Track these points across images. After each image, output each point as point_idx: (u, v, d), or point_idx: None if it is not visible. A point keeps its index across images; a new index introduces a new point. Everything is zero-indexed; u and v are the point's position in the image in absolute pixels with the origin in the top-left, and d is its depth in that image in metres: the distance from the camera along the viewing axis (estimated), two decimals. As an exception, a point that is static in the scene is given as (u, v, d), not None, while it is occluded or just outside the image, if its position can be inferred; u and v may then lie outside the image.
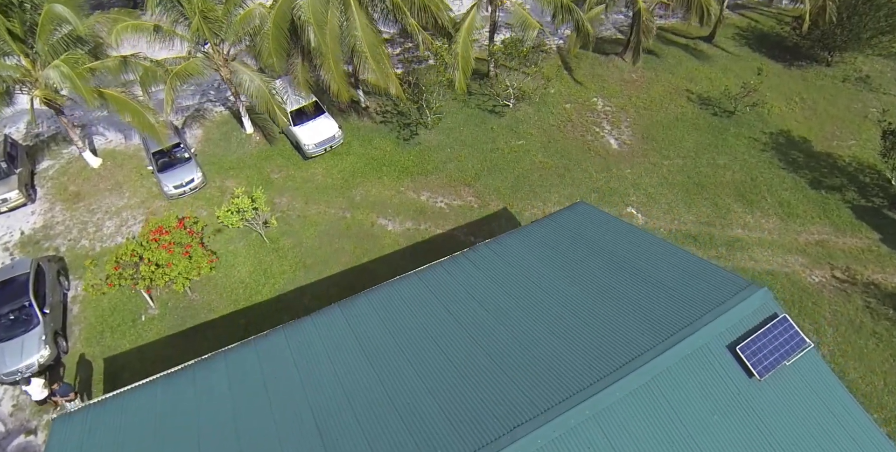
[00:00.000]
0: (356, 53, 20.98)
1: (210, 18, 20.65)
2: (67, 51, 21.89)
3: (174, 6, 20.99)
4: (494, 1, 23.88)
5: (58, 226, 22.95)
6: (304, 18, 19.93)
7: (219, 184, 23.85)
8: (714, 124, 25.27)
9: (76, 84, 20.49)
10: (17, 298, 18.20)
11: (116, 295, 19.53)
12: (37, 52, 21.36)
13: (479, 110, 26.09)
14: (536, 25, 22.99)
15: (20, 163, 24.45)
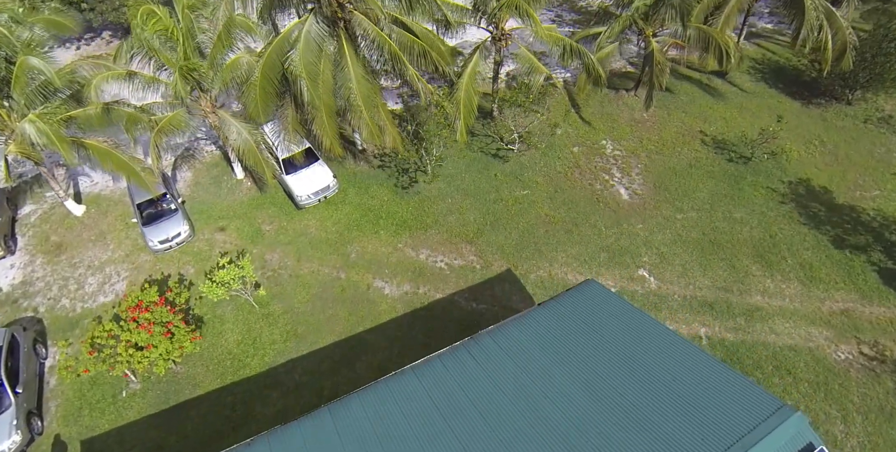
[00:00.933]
0: (351, 106, 19.45)
1: (191, 76, 19.10)
2: (46, 101, 20.44)
3: (153, 57, 19.45)
4: (498, 43, 22.26)
5: (38, 282, 21.58)
6: (295, 72, 18.40)
7: (207, 236, 22.42)
8: (730, 171, 23.73)
9: (52, 140, 19.04)
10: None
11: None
12: (11, 106, 19.88)
13: (481, 154, 24.57)
14: (544, 71, 21.43)
15: (0, 210, 23.05)
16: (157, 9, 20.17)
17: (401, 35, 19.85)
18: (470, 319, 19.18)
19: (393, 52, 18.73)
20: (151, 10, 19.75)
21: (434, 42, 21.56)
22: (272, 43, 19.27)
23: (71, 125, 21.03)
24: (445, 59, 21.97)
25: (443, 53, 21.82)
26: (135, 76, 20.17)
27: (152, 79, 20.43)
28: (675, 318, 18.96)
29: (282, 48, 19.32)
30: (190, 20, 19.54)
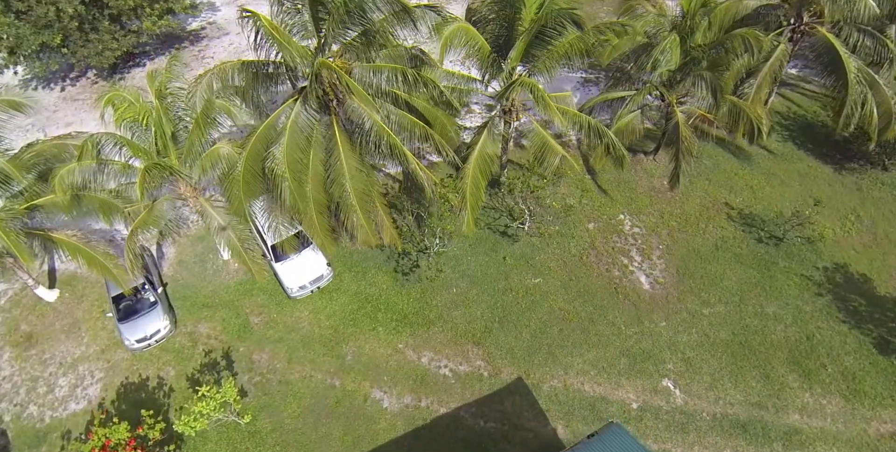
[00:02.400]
0: (343, 205, 17.07)
1: (157, 173, 16.71)
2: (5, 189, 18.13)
3: (123, 145, 17.06)
4: (508, 116, 19.79)
5: (4, 382, 19.41)
6: (277, 172, 16.02)
7: (190, 329, 20.16)
8: (760, 255, 21.37)
9: (8, 245, 16.74)
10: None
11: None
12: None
13: (489, 232, 22.19)
14: (559, 151, 19.00)
15: (-34, 300, 20.79)
16: (126, 93, 17.75)
17: (400, 117, 17.43)
18: (477, 440, 17.02)
19: (392, 144, 16.30)
20: (119, 96, 17.34)
21: (438, 117, 19.16)
22: (256, 132, 16.87)
23: (35, 215, 18.73)
24: (450, 134, 19.55)
25: (448, 129, 19.40)
26: (106, 165, 17.75)
27: (125, 166, 18.03)
28: (705, 443, 16.77)
29: (267, 137, 16.94)
30: (162, 108, 17.08)
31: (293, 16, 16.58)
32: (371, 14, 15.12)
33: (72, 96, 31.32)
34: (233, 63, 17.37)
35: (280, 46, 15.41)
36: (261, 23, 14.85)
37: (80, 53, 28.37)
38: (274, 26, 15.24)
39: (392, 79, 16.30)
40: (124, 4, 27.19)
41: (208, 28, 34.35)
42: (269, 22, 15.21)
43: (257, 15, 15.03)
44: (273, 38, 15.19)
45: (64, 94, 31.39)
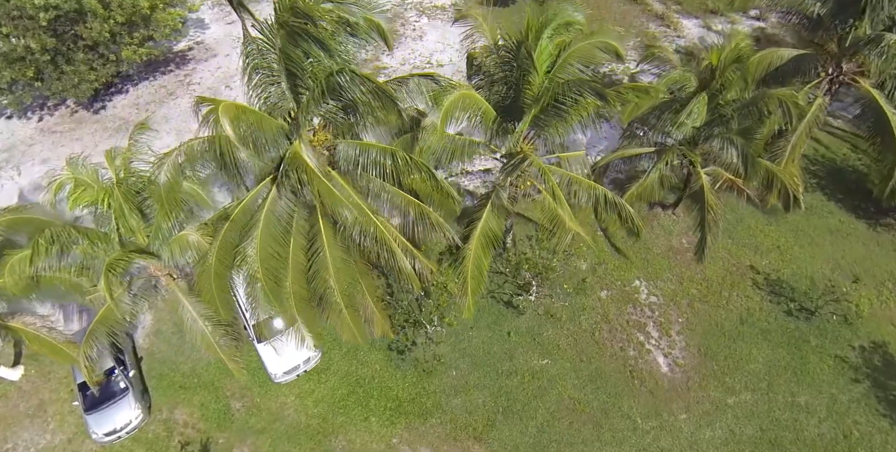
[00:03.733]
0: (327, 302, 14.77)
1: (122, 265, 14.40)
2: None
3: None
4: (514, 188, 17.34)
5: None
6: (250, 272, 13.71)
7: (165, 414, 18.11)
8: (789, 331, 19.09)
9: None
10: None
11: None
12: None
13: (492, 301, 19.92)
14: (574, 228, 16.53)
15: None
16: (85, 175, 15.35)
17: (393, 194, 15.00)
18: None
19: (381, 239, 13.93)
20: (72, 179, 14.94)
21: (432, 192, 16.62)
22: (230, 217, 14.49)
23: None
24: (451, 206, 17.09)
25: (448, 201, 16.94)
26: (65, 254, 15.37)
27: (90, 247, 15.68)
28: None
29: (241, 224, 14.57)
30: (122, 194, 14.64)
31: (267, 88, 14.07)
32: (351, 94, 12.66)
33: (49, 128, 28.81)
34: (200, 139, 14.80)
35: (249, 135, 12.94)
36: (222, 118, 12.18)
37: (55, 87, 25.84)
38: (240, 113, 12.66)
39: (380, 161, 13.86)
40: (98, 35, 24.53)
41: (196, 49, 31.63)
42: (233, 112, 12.56)
43: (216, 104, 12.43)
44: (241, 127, 12.67)
45: (41, 125, 28.87)
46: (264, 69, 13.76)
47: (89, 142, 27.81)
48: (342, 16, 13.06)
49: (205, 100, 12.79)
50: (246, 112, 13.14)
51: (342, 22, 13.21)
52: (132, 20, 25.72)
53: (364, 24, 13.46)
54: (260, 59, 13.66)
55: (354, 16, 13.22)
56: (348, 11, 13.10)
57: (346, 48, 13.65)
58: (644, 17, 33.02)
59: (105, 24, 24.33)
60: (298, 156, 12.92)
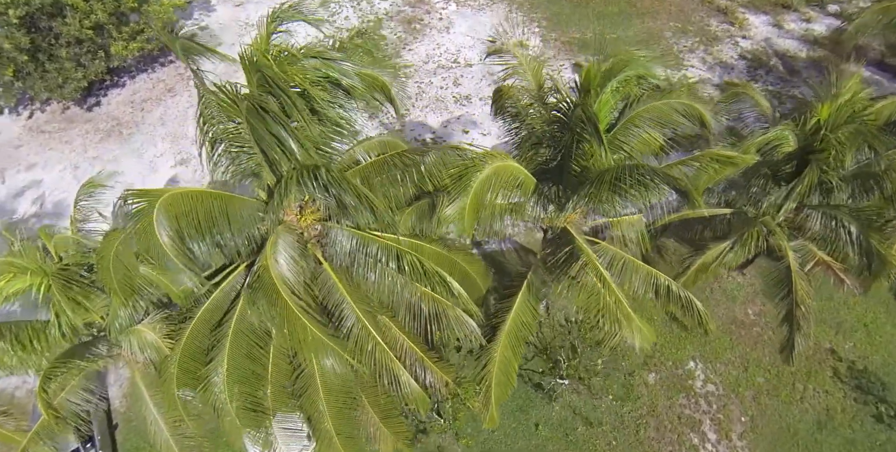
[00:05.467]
0: (317, 427, 11.41)
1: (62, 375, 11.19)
2: None
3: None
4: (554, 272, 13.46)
5: None
6: (217, 404, 10.38)
7: (137, 499, 15.35)
8: (879, 442, 15.30)
9: None
10: None
11: None
12: None
13: (519, 381, 16.31)
14: (629, 321, 12.73)
15: None
16: (21, 258, 11.89)
17: (402, 286, 11.28)
18: None
19: (382, 360, 10.38)
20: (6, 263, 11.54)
21: (456, 264, 12.85)
22: (194, 318, 11.04)
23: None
24: (476, 283, 13.37)
25: (472, 276, 13.19)
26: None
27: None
28: None
29: (209, 322, 11.12)
30: (60, 280, 11.24)
31: (238, 156, 10.29)
32: (336, 193, 8.94)
33: (38, 126, 25.43)
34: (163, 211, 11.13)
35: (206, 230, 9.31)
36: (159, 221, 8.43)
37: (38, 87, 22.30)
38: (190, 205, 8.98)
39: (381, 260, 10.14)
40: (79, 32, 20.69)
41: (199, 36, 27.52)
42: (177, 207, 8.87)
43: (149, 200, 8.72)
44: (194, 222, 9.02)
45: (30, 124, 25.50)
46: (231, 137, 9.99)
47: (79, 146, 24.48)
48: (332, 76, 9.18)
49: (135, 193, 9.05)
50: (200, 200, 9.47)
51: (333, 83, 9.34)
52: (120, 12, 21.80)
53: (362, 85, 9.52)
54: (224, 123, 9.88)
55: (349, 77, 9.29)
56: (340, 70, 9.19)
57: (339, 113, 9.75)
58: (704, 10, 27.79)
59: (86, 19, 20.46)
60: (268, 272, 9.26)
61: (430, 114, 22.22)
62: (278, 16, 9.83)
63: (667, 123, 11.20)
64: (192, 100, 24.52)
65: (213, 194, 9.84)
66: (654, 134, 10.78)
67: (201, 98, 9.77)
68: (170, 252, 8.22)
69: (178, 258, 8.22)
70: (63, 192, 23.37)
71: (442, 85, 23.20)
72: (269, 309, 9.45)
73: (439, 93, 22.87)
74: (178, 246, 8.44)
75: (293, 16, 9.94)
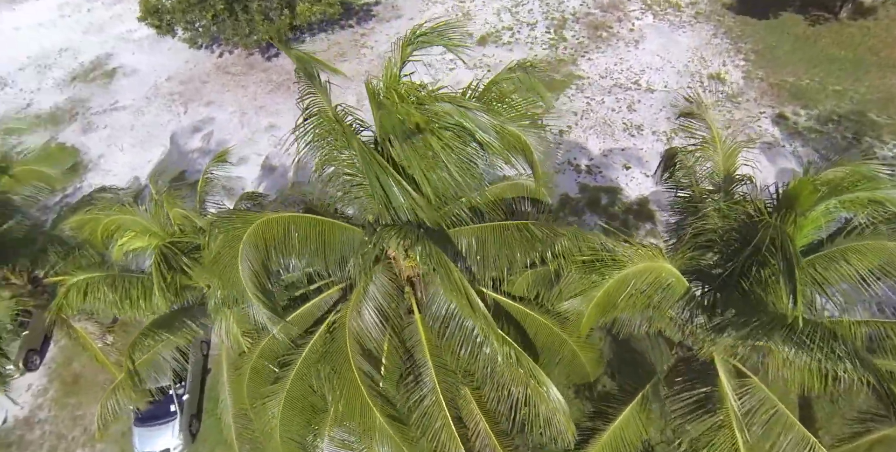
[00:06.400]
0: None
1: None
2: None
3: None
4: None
5: (36, 428, 17.48)
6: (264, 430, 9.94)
7: (210, 447, 16.17)
8: None
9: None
10: None
11: None
12: None
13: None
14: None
15: (36, 319, 18.55)
16: (148, 218, 12.10)
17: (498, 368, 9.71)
18: None
19: (447, 440, 9.15)
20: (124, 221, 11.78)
21: (565, 343, 11.02)
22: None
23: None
24: (587, 371, 11.45)
25: (580, 360, 11.32)
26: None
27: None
28: None
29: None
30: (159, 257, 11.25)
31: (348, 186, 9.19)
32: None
33: (225, 67, 26.99)
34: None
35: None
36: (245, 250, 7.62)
37: (228, 32, 23.32)
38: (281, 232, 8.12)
39: (471, 340, 8.64)
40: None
41: (382, 5, 27.06)
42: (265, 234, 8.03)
43: (243, 224, 7.93)
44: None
45: (219, 62, 27.13)
46: (344, 164, 8.90)
47: (251, 93, 25.60)
48: (465, 125, 7.58)
49: (228, 218, 8.32)
50: (299, 225, 8.58)
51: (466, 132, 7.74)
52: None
53: (499, 143, 7.80)
54: (338, 151, 8.75)
55: (485, 132, 7.62)
56: (476, 122, 7.53)
57: (467, 162, 8.17)
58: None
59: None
60: (343, 330, 8.26)
61: (593, 137, 19.70)
62: (415, 39, 8.36)
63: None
64: (358, 69, 24.31)
65: (314, 220, 8.94)
66: (873, 283, 7.83)
67: (312, 115, 8.63)
68: (248, 290, 7.54)
69: (256, 299, 7.53)
70: (227, 134, 24.73)
71: (614, 107, 20.40)
72: (330, 377, 8.57)
73: (609, 116, 20.13)
74: (260, 282, 7.73)
75: (433, 41, 8.42)
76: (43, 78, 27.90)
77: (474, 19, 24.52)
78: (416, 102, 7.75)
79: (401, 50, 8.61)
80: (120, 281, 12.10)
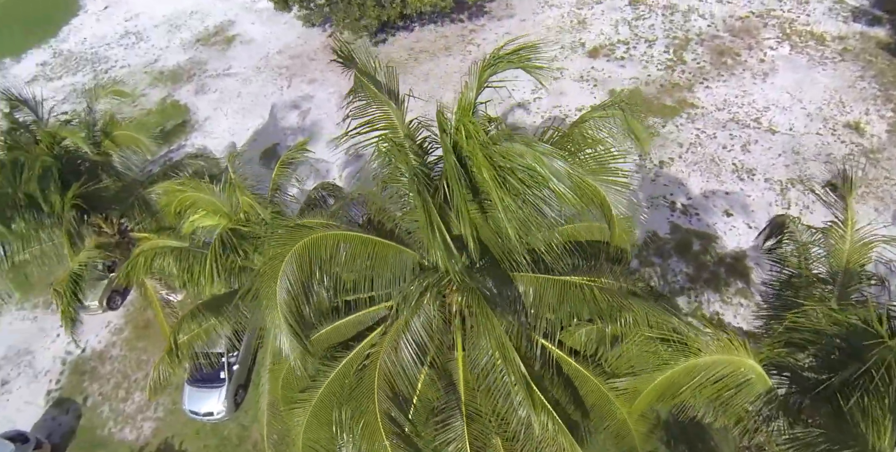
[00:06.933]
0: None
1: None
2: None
3: None
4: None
5: (106, 363, 18.93)
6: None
7: (249, 420, 16.73)
8: None
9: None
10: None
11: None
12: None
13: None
14: None
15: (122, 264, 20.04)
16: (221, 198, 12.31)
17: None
18: None
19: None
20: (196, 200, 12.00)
21: (605, 419, 10.04)
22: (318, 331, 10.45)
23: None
24: (636, 446, 10.45)
25: (633, 437, 10.30)
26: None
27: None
28: None
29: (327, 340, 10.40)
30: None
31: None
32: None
33: (332, 45, 27.26)
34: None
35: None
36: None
37: (339, 15, 23.47)
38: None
39: (516, 401, 8.00)
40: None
41: (496, 3, 26.11)
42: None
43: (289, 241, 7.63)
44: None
45: (328, 42, 27.44)
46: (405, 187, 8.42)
47: (350, 75, 25.63)
48: (537, 170, 6.79)
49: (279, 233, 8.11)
50: (350, 245, 8.25)
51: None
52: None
53: (573, 194, 6.96)
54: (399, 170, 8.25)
55: (560, 179, 6.80)
56: (552, 170, 6.71)
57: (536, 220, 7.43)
58: None
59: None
60: (373, 369, 7.88)
61: (696, 174, 17.87)
62: (495, 63, 7.62)
63: None
64: (461, 66, 23.71)
65: (366, 239, 8.54)
66: None
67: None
68: (281, 315, 7.35)
69: (287, 326, 7.32)
70: (323, 114, 25.07)
71: (726, 144, 18.34)
72: (352, 419, 8.26)
73: (718, 153, 18.14)
74: (296, 304, 7.51)
75: (516, 63, 7.64)
76: (172, 37, 29.58)
77: (589, 28, 23.05)
78: (488, 141, 7.11)
79: (479, 74, 7.96)
80: (185, 256, 12.46)
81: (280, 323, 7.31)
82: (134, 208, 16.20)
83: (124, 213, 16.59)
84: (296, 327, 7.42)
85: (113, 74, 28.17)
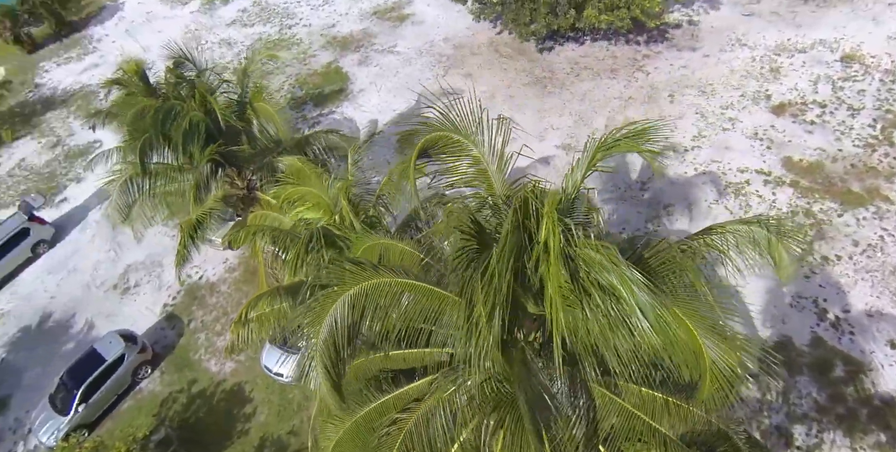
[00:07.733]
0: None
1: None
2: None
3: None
4: None
5: (214, 295, 20.84)
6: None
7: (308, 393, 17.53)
8: None
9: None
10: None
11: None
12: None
13: None
14: None
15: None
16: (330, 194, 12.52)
17: None
18: None
19: None
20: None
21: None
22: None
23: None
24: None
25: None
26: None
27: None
28: None
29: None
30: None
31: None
32: None
33: (497, 45, 26.76)
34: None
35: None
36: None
37: (510, 16, 22.70)
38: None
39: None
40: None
41: (681, 30, 23.49)
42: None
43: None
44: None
45: (494, 39, 27.11)
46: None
47: (508, 79, 24.73)
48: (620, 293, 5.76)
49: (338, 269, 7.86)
50: (412, 294, 7.86)
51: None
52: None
53: (656, 337, 5.85)
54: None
55: (644, 312, 5.76)
56: (634, 296, 5.64)
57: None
58: None
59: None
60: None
61: (866, 284, 14.87)
62: (613, 146, 6.63)
63: None
64: (623, 91, 21.82)
65: (435, 293, 8.09)
66: None
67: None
68: (318, 356, 7.25)
69: (324, 372, 7.22)
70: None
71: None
72: None
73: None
74: (336, 348, 7.34)
75: (630, 148, 6.60)
76: (353, 5, 30.57)
77: (781, 80, 19.88)
78: (565, 242, 6.25)
79: (590, 154, 7.06)
80: (282, 239, 12.96)
81: (317, 367, 7.26)
82: (263, 169, 17.30)
83: (255, 171, 17.80)
84: (332, 373, 7.33)
85: (294, 31, 29.94)
